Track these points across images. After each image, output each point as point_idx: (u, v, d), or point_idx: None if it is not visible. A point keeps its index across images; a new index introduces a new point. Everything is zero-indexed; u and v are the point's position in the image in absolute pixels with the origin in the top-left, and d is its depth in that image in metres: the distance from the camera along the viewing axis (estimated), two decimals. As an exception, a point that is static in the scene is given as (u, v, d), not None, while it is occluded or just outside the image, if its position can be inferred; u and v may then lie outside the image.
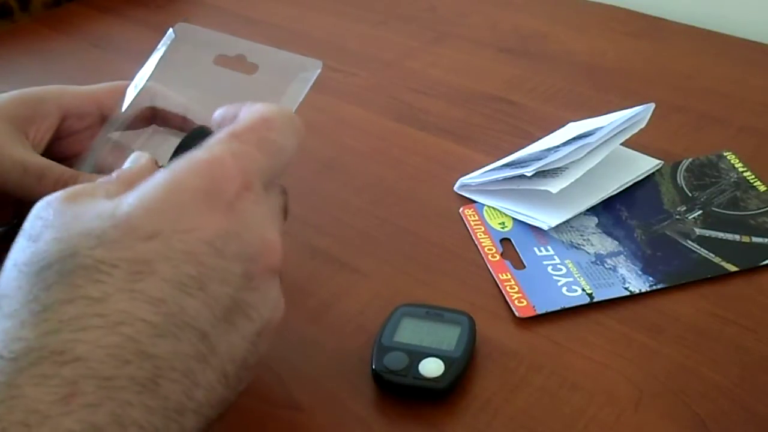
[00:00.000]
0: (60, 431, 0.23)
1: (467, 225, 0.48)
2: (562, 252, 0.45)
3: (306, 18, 0.77)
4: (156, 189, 0.27)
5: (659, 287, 0.42)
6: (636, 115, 0.50)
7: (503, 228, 0.47)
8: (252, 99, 0.35)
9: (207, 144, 0.29)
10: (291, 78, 0.38)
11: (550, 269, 0.44)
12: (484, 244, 0.46)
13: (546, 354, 0.39)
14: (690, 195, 0.50)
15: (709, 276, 0.43)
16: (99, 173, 0.39)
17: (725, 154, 0.53)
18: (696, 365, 0.38)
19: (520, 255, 0.45)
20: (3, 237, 0.41)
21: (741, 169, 0.52)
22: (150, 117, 0.42)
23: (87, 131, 0.43)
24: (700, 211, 0.48)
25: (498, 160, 0.53)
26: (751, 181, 0.50)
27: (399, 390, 0.36)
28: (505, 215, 0.48)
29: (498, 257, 0.45)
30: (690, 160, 0.53)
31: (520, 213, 0.48)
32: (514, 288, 0.43)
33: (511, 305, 0.41)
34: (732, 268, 0.43)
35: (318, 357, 0.39)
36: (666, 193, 0.50)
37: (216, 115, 0.33)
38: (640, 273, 0.43)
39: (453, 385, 0.36)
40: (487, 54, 0.69)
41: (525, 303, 0.41)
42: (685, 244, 0.45)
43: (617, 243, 0.46)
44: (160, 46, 0.40)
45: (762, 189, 0.50)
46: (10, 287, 0.26)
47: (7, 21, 0.77)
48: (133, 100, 0.40)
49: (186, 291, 0.26)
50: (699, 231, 0.46)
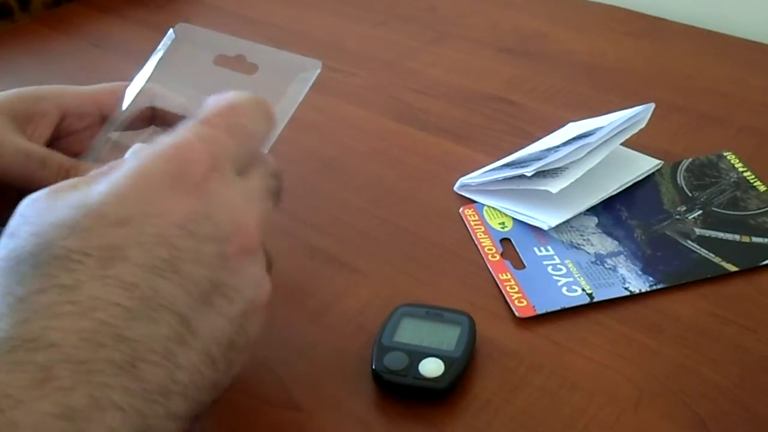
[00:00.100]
0: (35, 414, 0.23)
1: (467, 225, 0.48)
2: (562, 252, 0.45)
3: (305, 18, 0.77)
4: (125, 176, 0.27)
5: (659, 287, 0.42)
6: (636, 115, 0.50)
7: (503, 228, 0.47)
8: None
9: (175, 131, 0.29)
10: (291, 78, 0.38)
11: (550, 269, 0.44)
12: (484, 244, 0.46)
13: (546, 354, 0.39)
14: (690, 195, 0.50)
15: (709, 276, 0.43)
16: None
17: (725, 154, 0.53)
18: (696, 365, 0.38)
19: (520, 255, 0.45)
20: None
21: (741, 169, 0.52)
22: (150, 117, 0.42)
23: (86, 131, 0.43)
24: (700, 211, 0.48)
25: (498, 160, 0.53)
26: (751, 181, 0.50)
27: (399, 390, 0.36)
28: (505, 215, 0.48)
29: (498, 257, 0.45)
30: (690, 160, 0.53)
31: (520, 213, 0.48)
32: (514, 288, 0.43)
33: (511, 305, 0.41)
34: (732, 268, 0.43)
35: (318, 357, 0.39)
36: (666, 193, 0.50)
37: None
38: (640, 273, 0.43)
39: (453, 385, 0.36)
40: (487, 54, 0.69)
41: (525, 303, 0.41)
42: (685, 244, 0.46)
43: (617, 243, 0.46)
44: (160, 46, 0.40)
45: (762, 189, 0.50)
46: None
47: (7, 21, 0.77)
48: (133, 100, 0.40)
49: (159, 274, 0.26)
50: (699, 231, 0.46)
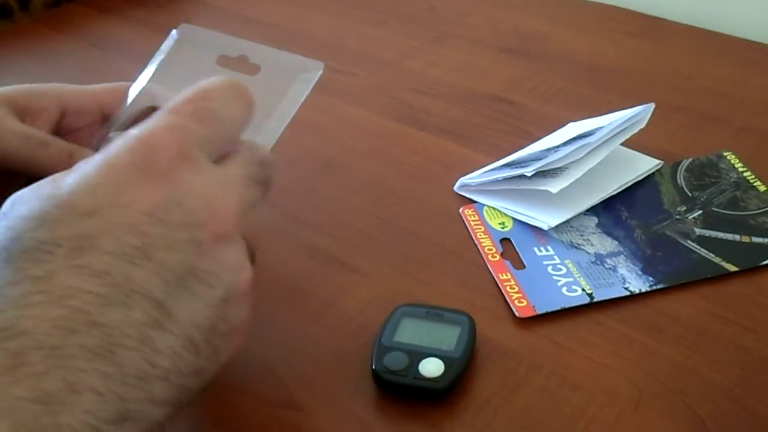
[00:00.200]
0: (8, 398, 0.23)
1: (467, 225, 0.48)
2: (562, 252, 0.45)
3: (306, 18, 0.77)
4: (93, 168, 0.28)
5: (659, 287, 0.42)
6: (636, 115, 0.50)
7: (503, 228, 0.47)
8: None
9: (145, 122, 0.30)
10: (293, 79, 0.38)
11: (550, 269, 0.44)
12: (484, 244, 0.46)
13: (546, 354, 0.39)
14: (690, 195, 0.50)
15: (709, 276, 0.43)
16: None
17: (725, 154, 0.53)
18: (696, 365, 0.38)
19: (520, 255, 0.45)
20: None
21: (741, 169, 0.52)
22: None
23: (86, 129, 0.43)
24: (700, 211, 0.48)
25: (498, 160, 0.53)
26: (751, 181, 0.50)
27: (399, 390, 0.36)
28: (505, 215, 0.48)
29: (498, 257, 0.45)
30: (690, 160, 0.53)
31: (520, 213, 0.48)
32: (514, 288, 0.43)
33: (511, 305, 0.41)
34: (732, 268, 0.43)
35: (318, 357, 0.39)
36: (666, 193, 0.50)
37: None
38: (640, 273, 0.43)
39: (453, 385, 0.36)
40: (487, 54, 0.69)
41: (525, 303, 0.41)
42: (685, 244, 0.46)
43: (617, 243, 0.46)
44: (163, 47, 0.40)
45: (762, 189, 0.50)
46: None
47: (7, 21, 0.77)
48: (135, 99, 0.40)
49: (131, 261, 0.26)
50: (699, 231, 0.46)
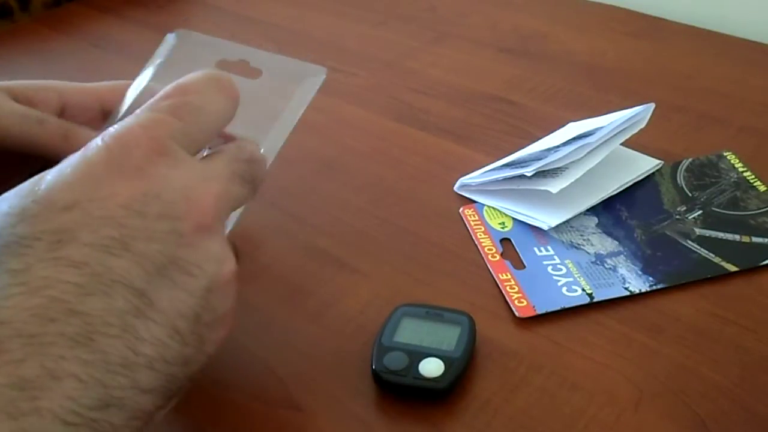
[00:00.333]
0: None
1: (467, 225, 0.48)
2: (562, 252, 0.45)
3: (306, 18, 0.77)
4: (70, 165, 0.28)
5: (659, 287, 0.42)
6: (636, 115, 0.50)
7: (503, 228, 0.47)
8: (255, 104, 0.35)
9: (123, 120, 0.30)
10: (297, 83, 0.38)
11: (550, 269, 0.44)
12: (484, 244, 0.46)
13: (546, 354, 0.39)
14: (690, 195, 0.50)
15: (709, 276, 0.43)
16: None
17: (725, 154, 0.53)
18: (696, 365, 0.38)
19: (520, 255, 0.45)
20: None
21: (741, 169, 0.52)
22: None
23: (87, 126, 0.43)
24: (700, 211, 0.48)
25: (498, 160, 0.53)
26: (751, 181, 0.50)
27: (399, 390, 0.36)
28: (505, 215, 0.48)
29: (498, 257, 0.45)
30: (690, 160, 0.53)
31: (520, 213, 0.48)
32: (514, 288, 0.43)
33: (511, 305, 0.41)
34: (732, 268, 0.43)
35: (318, 357, 0.39)
36: (666, 193, 0.50)
37: None
38: (640, 273, 0.43)
39: (453, 385, 0.36)
40: (487, 54, 0.69)
41: (525, 303, 0.41)
42: (685, 244, 0.45)
43: (617, 243, 0.46)
44: (158, 50, 0.40)
45: (762, 189, 0.50)
46: None
47: (7, 21, 0.77)
48: (134, 101, 0.40)
49: (110, 252, 0.27)
50: (699, 231, 0.46)
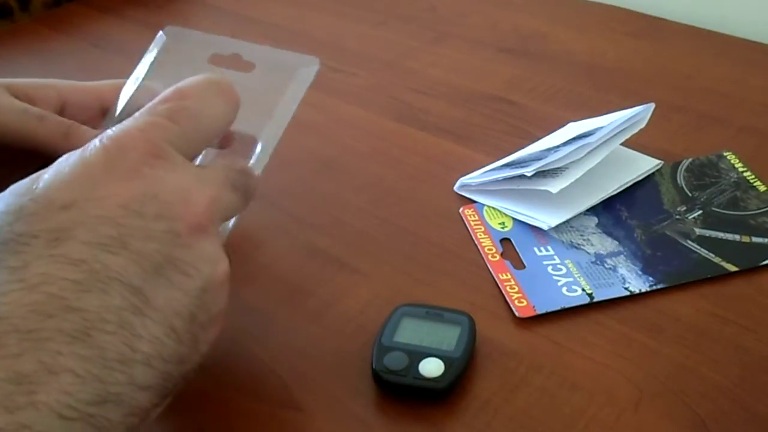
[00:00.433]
0: None
1: (467, 225, 0.48)
2: (562, 252, 0.45)
3: (306, 18, 0.77)
4: (68, 165, 0.29)
5: (659, 287, 0.42)
6: (636, 115, 0.50)
7: (503, 228, 0.47)
8: (249, 97, 0.35)
9: (122, 123, 0.31)
10: (290, 75, 0.38)
11: (550, 269, 0.44)
12: (484, 244, 0.46)
13: (546, 354, 0.39)
14: (690, 195, 0.50)
15: (709, 276, 0.43)
16: None
17: (725, 154, 0.53)
18: (696, 365, 0.38)
19: (520, 255, 0.45)
20: None
21: (741, 169, 0.52)
22: None
23: (87, 125, 0.43)
24: (700, 211, 0.48)
25: (498, 160, 0.53)
26: (751, 181, 0.50)
27: (399, 390, 0.36)
28: (505, 215, 0.48)
29: (498, 257, 0.45)
30: (690, 160, 0.53)
31: (520, 213, 0.48)
32: (514, 288, 0.43)
33: (511, 305, 0.41)
34: (732, 268, 0.43)
35: (318, 357, 0.39)
36: (666, 193, 0.50)
37: None
38: (640, 273, 0.43)
39: (453, 385, 0.36)
40: (487, 54, 0.69)
41: (525, 303, 0.41)
42: (685, 244, 0.45)
43: (617, 243, 0.46)
44: (151, 47, 0.40)
45: (762, 189, 0.50)
46: None
47: (7, 21, 0.77)
48: (130, 98, 0.40)
49: (108, 250, 0.27)
50: (699, 231, 0.46)
